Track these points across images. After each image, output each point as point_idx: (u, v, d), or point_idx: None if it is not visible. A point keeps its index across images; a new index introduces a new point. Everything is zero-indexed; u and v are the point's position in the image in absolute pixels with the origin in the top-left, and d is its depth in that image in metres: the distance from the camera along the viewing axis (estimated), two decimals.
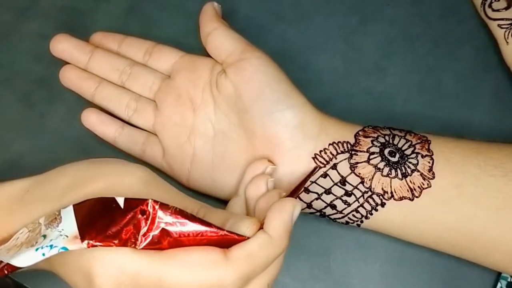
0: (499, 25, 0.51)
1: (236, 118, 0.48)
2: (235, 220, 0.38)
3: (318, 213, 0.47)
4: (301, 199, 0.46)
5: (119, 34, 0.54)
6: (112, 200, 0.36)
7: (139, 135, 0.51)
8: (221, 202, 0.49)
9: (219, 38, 0.49)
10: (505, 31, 0.50)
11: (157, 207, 0.35)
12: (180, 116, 0.50)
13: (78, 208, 0.37)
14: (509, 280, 0.49)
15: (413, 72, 0.54)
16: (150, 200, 0.35)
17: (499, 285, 0.49)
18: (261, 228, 0.38)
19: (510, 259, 0.44)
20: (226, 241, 0.36)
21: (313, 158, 0.45)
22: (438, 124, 0.53)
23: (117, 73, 0.52)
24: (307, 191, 0.46)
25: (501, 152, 0.44)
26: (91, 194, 0.38)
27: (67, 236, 0.36)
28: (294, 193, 0.43)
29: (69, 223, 0.36)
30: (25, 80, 0.54)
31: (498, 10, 0.51)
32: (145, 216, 0.35)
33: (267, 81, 0.46)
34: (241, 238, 0.37)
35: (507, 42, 0.50)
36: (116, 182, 0.39)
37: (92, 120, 0.52)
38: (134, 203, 0.36)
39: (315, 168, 0.46)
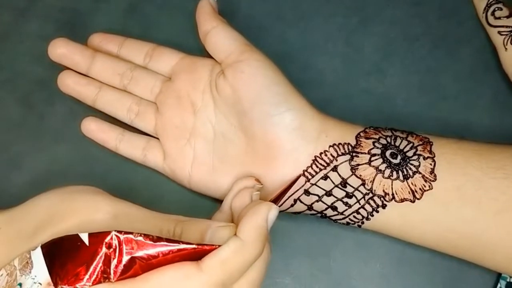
0: (499, 32, 0.51)
1: (236, 120, 0.47)
2: (214, 229, 0.38)
3: (319, 215, 0.47)
4: (301, 202, 0.46)
5: (118, 36, 0.53)
6: (77, 238, 0.36)
7: (139, 140, 0.51)
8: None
9: (218, 37, 0.48)
10: (505, 38, 0.50)
11: (121, 237, 0.36)
12: (180, 118, 0.49)
13: (46, 249, 0.37)
14: (508, 280, 0.49)
15: (413, 73, 0.54)
16: (113, 232, 0.36)
17: (499, 285, 0.49)
18: None
19: (510, 261, 0.44)
20: (200, 254, 0.36)
21: (313, 160, 0.45)
22: (438, 125, 0.53)
23: (119, 77, 0.52)
24: (308, 193, 0.46)
25: (502, 154, 0.44)
26: (62, 233, 0.38)
27: (40, 284, 0.36)
28: (275, 200, 0.42)
29: (40, 268, 0.37)
30: (25, 81, 0.54)
31: (499, 18, 0.51)
32: (112, 249, 0.36)
33: (266, 84, 0.46)
34: (212, 248, 0.37)
35: (506, 49, 0.50)
36: (86, 220, 0.39)
37: (92, 129, 0.52)
38: (98, 238, 0.36)
39: (298, 176, 0.45)
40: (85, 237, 0.36)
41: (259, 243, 0.38)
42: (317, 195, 0.46)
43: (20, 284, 0.37)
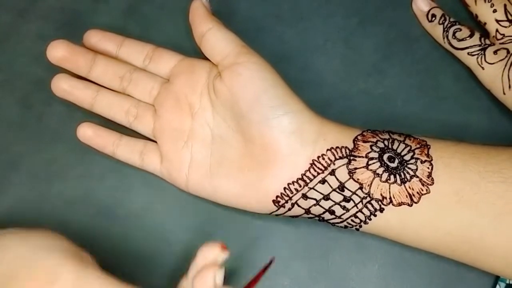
0: (469, 53, 0.51)
1: (233, 123, 0.47)
2: None
3: (316, 218, 0.47)
4: (299, 205, 0.46)
5: (117, 35, 0.53)
6: None
7: (137, 145, 0.51)
8: (220, 206, 0.49)
9: (214, 39, 0.48)
10: (477, 57, 0.50)
11: None
12: (178, 120, 0.49)
13: None
14: (507, 282, 0.49)
15: (412, 73, 0.54)
16: None
17: (497, 287, 0.49)
18: None
19: (507, 264, 0.44)
20: None
21: (311, 164, 0.45)
22: (437, 125, 0.53)
23: (119, 80, 0.51)
24: (305, 197, 0.46)
25: (500, 157, 0.44)
26: None
27: None
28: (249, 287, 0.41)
29: None
30: (24, 82, 0.54)
31: (463, 39, 0.51)
32: None
33: (263, 87, 0.46)
34: None
35: (483, 68, 0.50)
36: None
37: (88, 135, 0.52)
38: None
39: (269, 264, 0.43)
40: None
41: None
42: (315, 199, 0.46)
43: None
